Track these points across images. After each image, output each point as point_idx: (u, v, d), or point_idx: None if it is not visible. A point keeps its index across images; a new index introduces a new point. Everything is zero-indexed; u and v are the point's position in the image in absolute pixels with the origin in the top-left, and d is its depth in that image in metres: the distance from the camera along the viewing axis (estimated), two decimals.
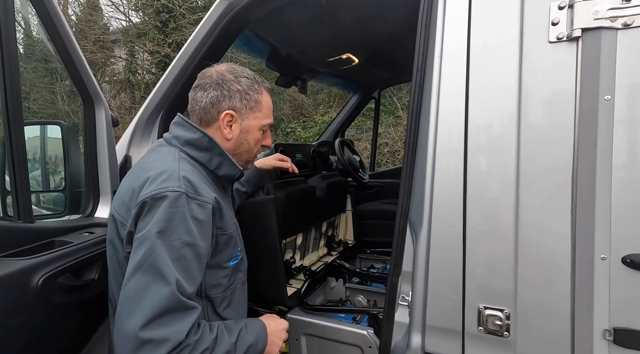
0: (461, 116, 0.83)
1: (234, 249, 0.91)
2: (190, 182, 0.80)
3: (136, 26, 8.47)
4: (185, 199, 0.76)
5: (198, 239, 0.77)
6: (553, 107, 0.76)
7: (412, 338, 0.92)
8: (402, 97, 6.87)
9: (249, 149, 0.98)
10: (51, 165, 1.26)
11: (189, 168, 0.85)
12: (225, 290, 0.91)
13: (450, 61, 0.85)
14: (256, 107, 0.94)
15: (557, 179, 0.76)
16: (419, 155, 0.94)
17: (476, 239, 0.82)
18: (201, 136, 0.89)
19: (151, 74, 8.60)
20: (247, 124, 0.94)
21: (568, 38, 0.74)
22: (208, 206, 0.80)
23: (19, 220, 0.84)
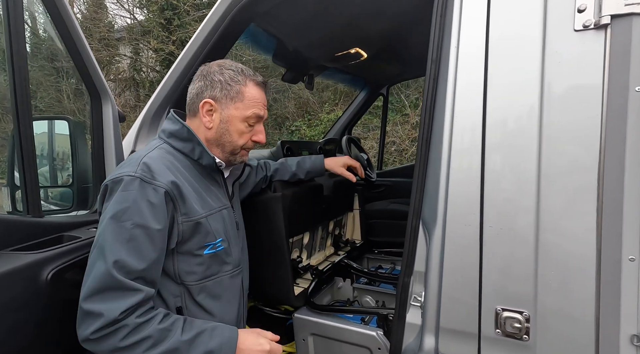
0: (479, 110, 0.80)
1: (207, 238, 0.90)
2: (148, 167, 0.83)
3: (141, 24, 8.50)
4: (138, 183, 0.80)
5: (150, 221, 0.79)
6: (578, 100, 0.72)
7: (425, 340, 0.89)
8: (410, 94, 6.80)
9: (231, 141, 0.97)
10: (59, 160, 1.26)
11: (162, 156, 0.89)
12: (203, 279, 0.91)
13: (467, 52, 0.81)
14: (237, 97, 0.94)
15: (582, 176, 0.72)
16: (432, 151, 0.91)
17: (494, 238, 0.78)
18: (181, 127, 0.93)
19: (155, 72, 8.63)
20: (227, 114, 0.95)
21: (595, 26, 0.70)
22: (160, 189, 0.81)
23: (28, 214, 0.84)
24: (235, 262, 1.00)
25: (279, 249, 1.36)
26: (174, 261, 0.87)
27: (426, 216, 0.91)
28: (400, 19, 1.59)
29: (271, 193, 1.38)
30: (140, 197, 0.79)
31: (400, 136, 6.63)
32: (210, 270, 0.92)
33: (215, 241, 0.92)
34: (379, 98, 2.92)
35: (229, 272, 0.97)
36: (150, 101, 1.28)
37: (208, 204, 0.93)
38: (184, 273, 0.88)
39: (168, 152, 0.92)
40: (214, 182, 0.99)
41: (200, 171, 0.96)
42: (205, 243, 0.90)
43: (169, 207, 0.83)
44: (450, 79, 0.84)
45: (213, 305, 0.93)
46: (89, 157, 1.12)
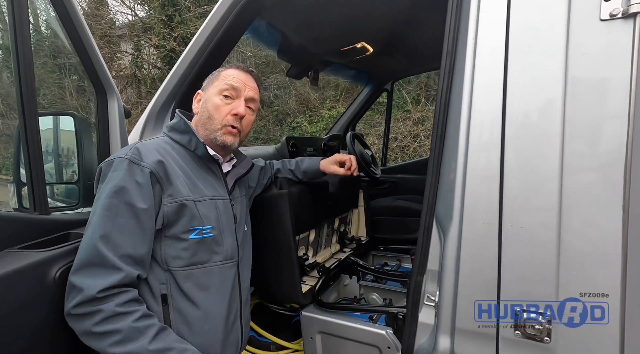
0: (498, 104, 0.77)
1: (192, 221, 0.90)
2: (138, 150, 0.88)
3: (142, 20, 8.45)
4: (127, 163, 0.85)
5: (137, 200, 0.82)
6: (603, 93, 0.69)
7: (439, 341, 0.86)
8: (412, 90, 6.75)
9: (209, 116, 0.99)
10: (64, 157, 1.24)
11: (157, 143, 0.94)
12: (190, 266, 0.90)
13: (486, 44, 0.78)
14: (215, 78, 1.02)
15: (607, 173, 0.69)
16: (447, 147, 0.88)
17: (514, 236, 0.75)
18: (179, 120, 1.00)
19: (157, 68, 8.60)
20: (208, 94, 1.02)
21: (624, 15, 0.67)
22: (146, 170, 0.85)
23: (35, 212, 0.82)
24: (227, 253, 0.98)
25: (286, 246, 1.34)
26: (161, 245, 0.89)
27: (441, 214, 0.88)
28: (408, 12, 1.55)
29: (277, 190, 1.36)
30: (128, 176, 0.83)
31: (402, 132, 6.59)
32: (198, 257, 0.92)
33: (202, 226, 0.92)
34: (383, 94, 2.89)
35: (219, 262, 0.96)
36: (155, 96, 1.26)
37: (200, 190, 0.94)
38: (170, 257, 0.89)
39: (166, 142, 0.97)
40: (212, 173, 1.02)
41: (197, 162, 0.99)
42: (191, 227, 0.90)
43: (155, 189, 0.86)
44: (468, 73, 0.81)
45: (199, 296, 0.92)
46: (95, 153, 1.10)
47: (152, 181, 0.86)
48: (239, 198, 1.11)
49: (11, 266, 0.68)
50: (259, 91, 1.08)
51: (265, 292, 1.50)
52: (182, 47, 7.81)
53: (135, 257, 0.82)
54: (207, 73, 1.10)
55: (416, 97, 6.71)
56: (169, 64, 8.05)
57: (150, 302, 0.88)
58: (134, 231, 0.82)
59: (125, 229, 0.81)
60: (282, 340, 1.59)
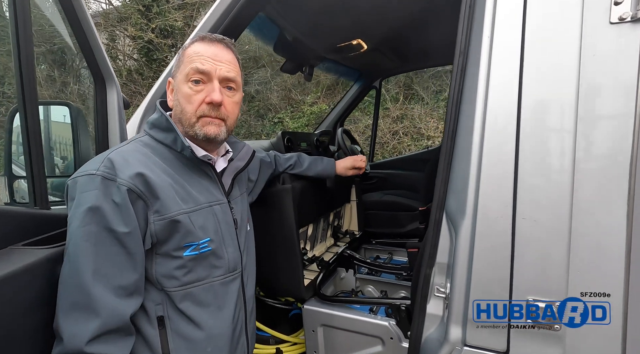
0: (514, 103, 0.80)
1: (187, 237, 0.79)
2: (111, 163, 0.74)
3: (117, 10, 8.04)
4: (99, 181, 0.72)
5: (116, 224, 0.71)
6: (613, 94, 0.73)
7: (451, 331, 0.89)
8: (390, 88, 6.85)
9: (182, 110, 0.84)
10: (59, 148, 1.16)
11: (135, 149, 0.80)
12: (187, 285, 0.81)
13: (502, 44, 0.81)
14: (182, 60, 0.85)
15: (615, 169, 0.73)
16: (460, 144, 0.90)
17: (527, 229, 0.79)
18: (160, 115, 0.85)
19: (133, 60, 8.23)
20: (176, 83, 0.86)
21: (632, 19, 0.71)
22: (123, 187, 0.72)
23: (35, 206, 0.77)
24: (230, 265, 0.88)
25: (289, 240, 1.33)
26: (153, 263, 0.79)
27: (452, 208, 0.91)
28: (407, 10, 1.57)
29: (280, 185, 1.35)
30: (103, 196, 0.71)
31: (382, 130, 6.69)
32: (196, 275, 0.82)
33: (199, 241, 0.81)
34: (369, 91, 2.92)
35: (221, 277, 0.86)
36: (155, 86, 1.21)
37: (193, 198, 0.82)
38: (162, 277, 0.79)
39: (145, 145, 0.83)
40: (205, 175, 0.88)
41: (186, 164, 0.85)
42: (184, 244, 0.79)
43: (137, 206, 0.74)
44: (482, 72, 0.83)
45: (201, 315, 0.83)
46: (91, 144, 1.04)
47: (132, 199, 0.73)
48: (238, 198, 0.99)
49: (20, 263, 0.64)
50: (237, 61, 0.89)
51: (267, 285, 1.49)
52: (161, 39, 7.51)
53: (127, 287, 0.73)
54: None
55: (395, 95, 6.82)
56: (146, 55, 7.72)
57: (145, 326, 0.79)
58: (120, 259, 0.72)
59: (109, 258, 0.71)
60: (281, 333, 1.59)
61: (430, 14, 1.59)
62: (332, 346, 1.40)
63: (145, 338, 0.79)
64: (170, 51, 7.53)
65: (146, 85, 7.47)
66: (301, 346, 1.60)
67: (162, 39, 7.52)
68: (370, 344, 1.32)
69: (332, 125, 2.87)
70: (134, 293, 0.75)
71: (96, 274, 0.69)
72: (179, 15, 7.57)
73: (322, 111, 6.80)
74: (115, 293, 0.71)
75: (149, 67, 7.60)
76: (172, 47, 7.61)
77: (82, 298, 0.68)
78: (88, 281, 0.69)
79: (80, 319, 0.68)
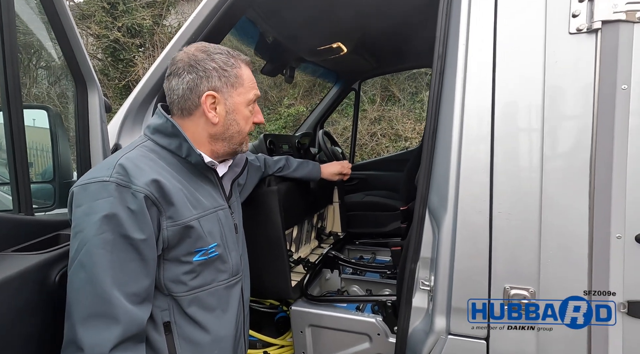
0: (488, 103, 0.86)
1: (197, 243, 0.81)
2: (124, 169, 0.73)
3: (79, 6, 7.71)
4: (114, 188, 0.71)
5: (132, 231, 0.71)
6: (573, 96, 0.81)
7: (436, 321, 0.94)
8: (367, 90, 6.99)
9: (240, 130, 0.89)
10: (36, 154, 1.12)
11: (142, 155, 0.80)
12: (194, 290, 0.82)
13: (477, 50, 0.87)
14: (237, 82, 0.86)
15: (577, 164, 0.81)
16: (440, 143, 0.96)
17: (502, 222, 0.85)
18: (165, 121, 0.84)
19: (97, 59, 7.90)
20: (232, 103, 0.87)
21: (588, 30, 0.79)
22: (139, 194, 0.72)
23: (20, 212, 0.74)
24: (233, 270, 0.90)
25: (276, 242, 1.35)
26: (160, 268, 0.79)
27: (434, 204, 0.96)
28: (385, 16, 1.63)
29: (266, 187, 1.36)
30: (119, 204, 0.70)
31: (360, 131, 6.80)
32: (203, 279, 0.83)
33: (207, 246, 0.83)
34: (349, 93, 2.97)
35: (225, 281, 0.88)
36: (135, 90, 1.19)
37: (201, 203, 0.84)
38: (170, 282, 0.79)
39: (151, 150, 0.82)
40: (208, 181, 0.90)
41: (190, 169, 0.86)
42: (195, 249, 0.81)
43: (152, 213, 0.74)
44: (459, 75, 0.89)
45: (206, 318, 0.84)
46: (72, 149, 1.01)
47: (148, 205, 0.73)
48: (235, 203, 1.02)
49: (12, 269, 0.63)
50: None
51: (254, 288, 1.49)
52: (128, 38, 7.27)
53: (141, 294, 0.73)
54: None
55: (372, 97, 6.96)
56: (112, 55, 7.44)
57: (151, 332, 0.79)
58: (135, 266, 0.72)
59: (125, 266, 0.70)
60: (267, 337, 1.59)
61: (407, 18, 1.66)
62: (321, 346, 1.42)
63: (152, 344, 0.79)
64: (138, 51, 7.29)
65: (112, 86, 7.19)
66: (288, 348, 1.61)
67: (130, 38, 7.27)
68: (357, 341, 1.35)
69: (313, 127, 2.90)
70: (146, 299, 0.75)
71: (115, 282, 0.69)
72: (147, 13, 7.35)
73: (300, 112, 6.81)
74: (130, 300, 0.71)
75: (115, 67, 7.32)
76: (140, 47, 7.38)
77: (102, 306, 0.68)
78: (107, 289, 0.68)
79: (101, 327, 0.67)
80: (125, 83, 7.10)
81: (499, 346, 0.87)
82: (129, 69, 7.21)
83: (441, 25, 0.95)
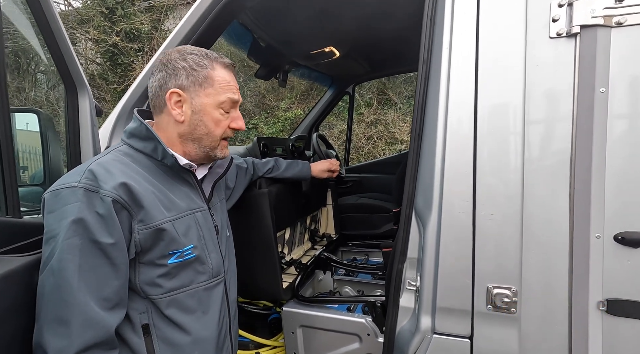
0: (471, 106, 0.87)
1: (170, 245, 0.81)
2: (93, 174, 0.74)
3: (77, 11, 7.73)
4: (82, 193, 0.72)
5: (101, 235, 0.71)
6: (553, 98, 0.83)
7: (422, 321, 0.95)
8: (364, 94, 7.02)
9: (208, 132, 0.88)
10: (27, 157, 1.12)
11: (115, 159, 0.80)
12: (171, 292, 0.82)
13: (459, 54, 0.89)
14: (206, 82, 0.86)
15: (557, 165, 0.82)
16: (425, 145, 0.97)
17: (485, 223, 0.86)
18: (139, 125, 0.85)
19: (96, 64, 7.92)
20: (199, 103, 0.86)
21: (567, 34, 0.81)
22: (107, 199, 0.72)
23: (7, 215, 0.75)
24: (213, 271, 0.90)
25: (267, 244, 1.36)
26: (136, 272, 0.79)
27: (420, 205, 0.98)
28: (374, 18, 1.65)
29: (257, 189, 1.37)
30: (86, 208, 0.71)
31: (357, 134, 6.82)
32: (180, 281, 0.83)
33: (182, 248, 0.82)
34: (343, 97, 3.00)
35: (204, 282, 0.88)
36: (127, 93, 1.20)
37: (175, 205, 0.84)
38: (146, 285, 0.80)
39: (125, 154, 0.83)
40: (185, 183, 0.90)
41: (166, 172, 0.86)
42: (169, 251, 0.80)
43: (121, 216, 0.74)
44: (443, 79, 0.91)
45: (186, 320, 0.84)
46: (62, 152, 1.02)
47: (117, 209, 0.73)
48: (218, 204, 1.02)
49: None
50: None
51: (245, 289, 1.50)
52: (126, 43, 7.29)
53: (112, 299, 0.73)
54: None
55: (368, 100, 6.99)
56: (110, 59, 7.46)
57: (130, 335, 0.79)
58: (104, 271, 0.72)
59: (94, 271, 0.71)
60: (260, 338, 1.60)
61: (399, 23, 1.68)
62: (312, 346, 1.43)
63: (131, 346, 0.79)
64: (136, 55, 7.31)
65: (111, 90, 7.20)
66: (281, 349, 1.62)
67: (128, 42, 7.29)
68: (347, 341, 1.36)
69: (307, 130, 2.92)
70: (118, 304, 0.75)
71: (81, 287, 0.69)
72: (145, 18, 7.38)
73: (297, 116, 6.84)
74: (100, 305, 0.71)
75: (113, 71, 7.34)
76: (139, 51, 7.40)
77: (67, 311, 0.68)
78: (73, 294, 0.68)
79: (65, 333, 0.67)
80: (124, 87, 7.11)
81: (483, 344, 0.88)
82: (128, 73, 7.23)
83: (426, 30, 0.97)
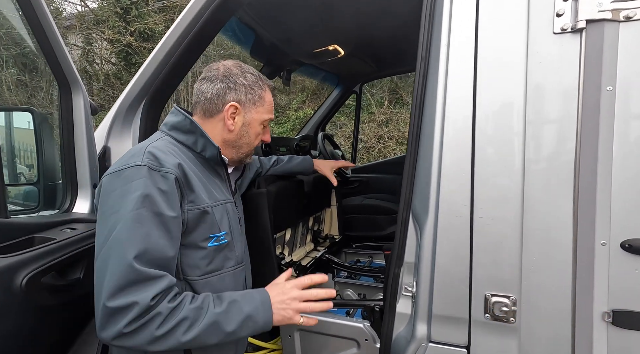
0: (469, 105, 0.83)
1: (212, 229, 0.89)
2: (154, 156, 0.82)
3: (93, 12, 7.90)
4: (146, 171, 0.78)
5: (164, 209, 0.78)
6: (557, 97, 0.78)
7: (417, 328, 0.92)
8: (375, 93, 6.96)
9: (249, 142, 1.00)
10: (20, 156, 1.13)
11: (166, 145, 0.88)
12: (206, 275, 0.89)
13: (458, 50, 0.85)
14: (259, 102, 0.98)
15: (561, 167, 0.78)
16: (423, 145, 0.94)
17: (483, 227, 0.82)
18: (183, 119, 0.93)
19: (111, 64, 8.08)
20: (250, 118, 0.98)
21: (572, 29, 0.76)
22: (170, 176, 0.81)
23: None
24: (239, 258, 0.99)
25: (263, 245, 1.34)
26: (179, 254, 0.85)
27: (417, 208, 0.94)
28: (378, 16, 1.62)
29: (255, 189, 1.36)
30: (152, 184, 0.78)
31: (367, 134, 6.77)
32: (214, 265, 0.91)
33: (219, 233, 0.91)
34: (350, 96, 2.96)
35: (232, 268, 0.96)
36: (124, 93, 1.20)
37: (212, 194, 0.92)
38: (187, 266, 0.87)
39: (171, 143, 0.92)
40: (217, 175, 0.99)
41: (203, 163, 0.95)
42: (210, 235, 0.88)
43: (183, 194, 0.83)
44: (441, 77, 0.87)
45: None
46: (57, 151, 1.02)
47: (176, 186, 0.81)
48: (238, 200, 1.11)
49: None
50: None
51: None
52: (140, 43, 7.42)
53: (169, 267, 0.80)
54: (181, 69, 1.06)
55: (380, 99, 6.92)
56: (124, 59, 7.61)
57: None
58: (166, 243, 0.78)
59: (157, 242, 0.77)
60: (259, 340, 1.58)
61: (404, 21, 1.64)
62: (309, 351, 1.40)
63: None
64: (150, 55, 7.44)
65: None
66: (278, 352, 1.60)
67: (142, 42, 7.42)
68: (346, 346, 1.33)
69: (314, 130, 2.89)
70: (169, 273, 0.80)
71: (146, 254, 0.74)
72: (159, 18, 7.49)
73: (308, 115, 6.83)
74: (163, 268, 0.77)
75: (127, 71, 7.47)
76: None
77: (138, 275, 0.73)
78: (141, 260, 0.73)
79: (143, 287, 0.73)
80: None
81: None
82: None
83: (424, 26, 0.93)
